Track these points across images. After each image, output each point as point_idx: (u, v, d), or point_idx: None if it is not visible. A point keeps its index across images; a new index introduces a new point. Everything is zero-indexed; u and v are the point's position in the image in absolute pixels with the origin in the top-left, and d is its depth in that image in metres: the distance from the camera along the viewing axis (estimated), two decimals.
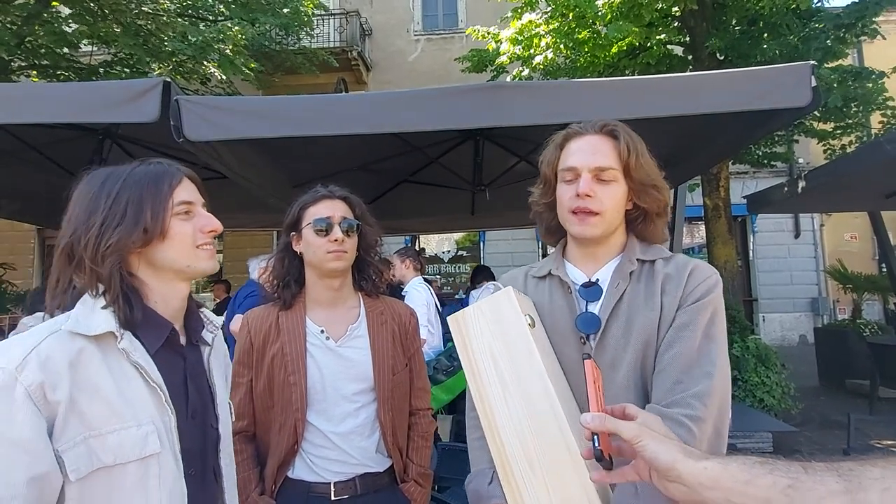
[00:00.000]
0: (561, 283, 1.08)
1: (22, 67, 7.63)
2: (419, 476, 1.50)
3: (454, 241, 12.34)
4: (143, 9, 7.64)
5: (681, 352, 0.93)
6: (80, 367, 0.82)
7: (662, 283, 1.00)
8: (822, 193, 4.58)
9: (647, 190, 1.03)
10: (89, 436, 0.80)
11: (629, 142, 1.02)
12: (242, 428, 1.42)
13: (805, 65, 2.06)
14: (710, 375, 0.91)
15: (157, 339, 0.92)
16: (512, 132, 3.28)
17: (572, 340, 1.03)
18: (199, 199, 0.99)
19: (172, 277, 0.95)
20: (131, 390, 0.86)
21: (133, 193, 0.91)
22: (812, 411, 5.81)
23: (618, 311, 1.01)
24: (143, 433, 0.85)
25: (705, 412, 0.88)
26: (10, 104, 2.14)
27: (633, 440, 0.64)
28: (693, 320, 0.95)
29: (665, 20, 6.23)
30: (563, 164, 1.05)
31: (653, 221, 1.07)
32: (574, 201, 1.01)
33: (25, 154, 3.26)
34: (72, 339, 0.83)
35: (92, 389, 0.82)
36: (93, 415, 0.81)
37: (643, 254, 1.05)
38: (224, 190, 3.64)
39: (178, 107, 2.00)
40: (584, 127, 1.07)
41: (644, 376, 0.98)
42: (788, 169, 11.05)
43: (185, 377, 0.97)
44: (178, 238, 0.93)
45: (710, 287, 0.98)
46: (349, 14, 11.67)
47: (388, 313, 1.52)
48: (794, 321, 11.63)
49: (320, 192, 1.46)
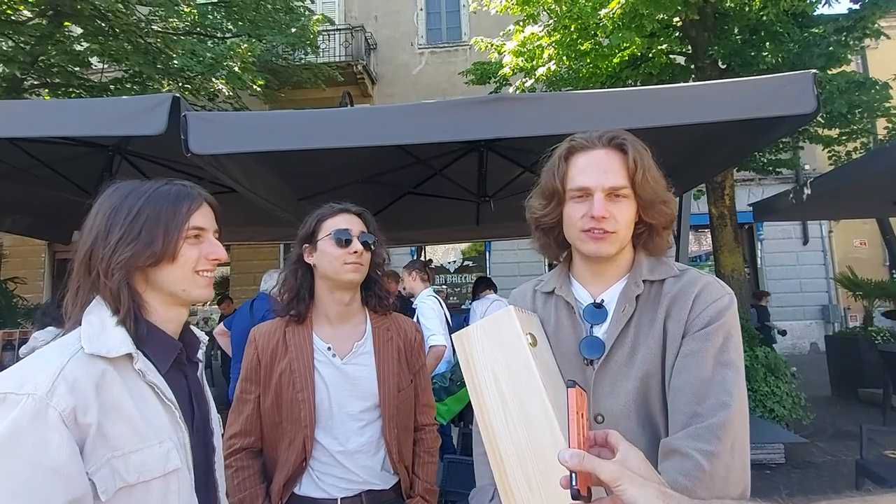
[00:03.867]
0: (566, 303, 1.05)
1: (34, 86, 7.80)
2: (425, 492, 1.49)
3: (460, 252, 12.35)
4: (153, 27, 7.81)
5: (690, 381, 0.88)
6: (104, 390, 0.83)
7: (668, 308, 0.95)
8: (828, 200, 4.56)
9: (656, 205, 0.99)
10: (112, 457, 0.81)
11: (637, 156, 0.98)
12: (250, 444, 1.42)
13: (807, 73, 2.07)
14: (727, 406, 0.85)
15: (168, 358, 0.94)
16: (516, 143, 3.30)
17: (576, 363, 1.00)
18: (212, 226, 1.00)
19: (169, 300, 0.96)
20: (149, 409, 0.88)
21: (152, 212, 0.93)
22: (824, 421, 5.71)
23: (623, 338, 0.97)
24: (164, 450, 0.87)
25: (719, 446, 0.83)
26: (24, 120, 2.20)
27: (611, 483, 0.62)
28: (702, 348, 0.90)
29: (666, 30, 6.28)
30: (572, 182, 1.00)
31: (659, 235, 1.03)
32: (588, 222, 0.97)
33: (37, 170, 3.32)
34: (93, 361, 0.83)
35: (115, 411, 0.83)
36: (116, 436, 0.82)
37: (650, 273, 1.01)
38: (231, 204, 3.66)
39: (187, 122, 2.04)
40: (590, 139, 1.02)
41: (646, 407, 0.94)
42: (794, 175, 11.01)
43: (189, 394, 1.00)
44: (182, 261, 0.94)
45: (720, 310, 0.92)
46: (354, 29, 11.85)
47: (393, 329, 1.53)
48: (804, 329, 11.50)
49: (338, 206, 1.48)
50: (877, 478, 3.15)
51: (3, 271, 9.79)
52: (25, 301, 8.42)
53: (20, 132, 2.30)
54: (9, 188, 3.55)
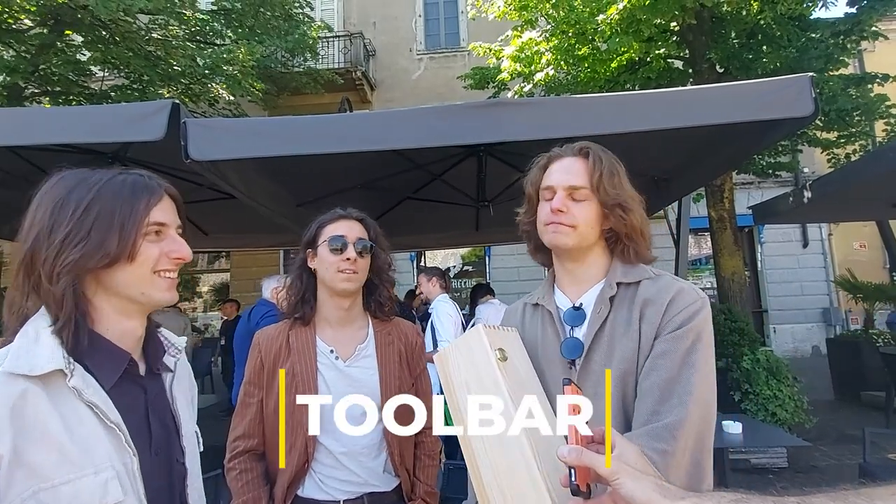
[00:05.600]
0: (548, 311, 1.11)
1: (35, 94, 7.83)
2: (426, 495, 1.50)
3: (460, 257, 12.35)
4: (154, 35, 7.85)
5: (657, 381, 0.92)
6: (24, 414, 0.71)
7: (642, 309, 1.00)
8: (828, 203, 4.56)
9: (613, 209, 1.05)
10: (39, 489, 0.70)
11: (598, 161, 1.07)
12: (253, 447, 1.43)
13: (804, 76, 2.08)
14: (685, 404, 0.88)
15: (114, 371, 0.82)
16: (514, 148, 3.31)
17: (560, 367, 1.04)
18: (174, 221, 0.89)
19: (127, 306, 0.85)
20: (85, 433, 0.76)
21: (105, 206, 0.81)
22: (827, 425, 5.69)
23: (600, 338, 1.01)
24: (101, 480, 0.75)
25: (674, 445, 0.86)
26: (23, 128, 2.20)
27: (609, 477, 0.63)
28: (672, 349, 0.93)
29: (664, 35, 6.31)
30: (543, 183, 1.11)
31: (623, 243, 1.07)
32: (549, 216, 1.07)
33: (37, 178, 3.31)
34: (12, 381, 0.72)
35: (39, 436, 0.72)
36: (42, 464, 0.71)
37: (624, 276, 1.06)
38: (230, 210, 3.68)
39: (186, 128, 2.04)
40: (564, 150, 1.13)
41: (625, 406, 0.97)
42: (794, 178, 11.03)
43: (146, 411, 0.87)
44: (140, 261, 0.83)
45: (692, 314, 0.95)
46: (353, 35, 11.92)
47: (395, 333, 1.54)
48: (805, 332, 11.47)
49: (338, 212, 1.50)
50: (880, 481, 3.13)
51: (4, 279, 9.77)
52: None
53: (19, 140, 2.30)
54: (8, 195, 3.55)
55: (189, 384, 1.04)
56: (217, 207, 3.70)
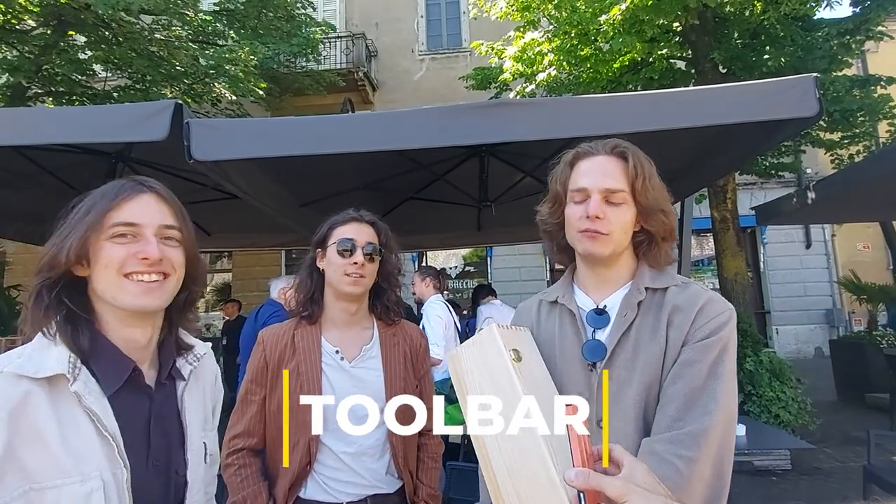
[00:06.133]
0: (569, 311, 1.08)
1: (38, 94, 7.86)
2: (429, 497, 1.50)
3: (461, 257, 12.35)
4: (156, 36, 7.88)
5: (683, 389, 0.91)
6: (24, 414, 0.73)
7: (670, 315, 0.97)
8: (832, 204, 4.54)
9: (655, 214, 1.02)
10: (30, 489, 0.72)
11: (638, 164, 1.02)
12: (251, 445, 1.42)
13: (808, 76, 2.07)
14: (710, 414, 0.87)
15: (116, 379, 0.82)
16: (516, 148, 3.31)
17: (579, 368, 1.02)
18: (154, 222, 0.85)
19: (117, 312, 0.83)
20: (80, 440, 0.76)
21: (77, 213, 0.83)
22: (831, 427, 5.66)
23: (625, 342, 0.99)
24: (86, 490, 0.75)
25: (699, 453, 0.85)
26: (27, 128, 2.21)
27: (618, 499, 0.62)
28: (700, 357, 0.92)
29: (667, 35, 6.30)
30: (573, 184, 1.04)
31: (658, 245, 1.05)
32: (583, 222, 1.01)
33: (41, 178, 3.34)
34: (17, 381, 0.74)
35: (34, 438, 0.73)
36: (33, 467, 0.72)
37: (652, 281, 1.03)
38: (233, 210, 3.69)
39: (189, 129, 2.05)
40: (594, 147, 1.06)
41: (647, 412, 0.95)
42: (797, 179, 10.99)
43: (148, 420, 0.86)
44: (103, 263, 0.81)
45: (721, 324, 0.94)
46: (355, 36, 11.93)
47: (400, 335, 1.54)
48: (808, 333, 11.43)
49: (350, 214, 1.49)
50: (885, 484, 3.11)
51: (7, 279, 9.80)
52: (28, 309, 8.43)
53: (24, 140, 2.31)
54: (12, 196, 3.56)
55: (211, 391, 1.03)
56: (219, 207, 3.71)
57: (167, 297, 0.86)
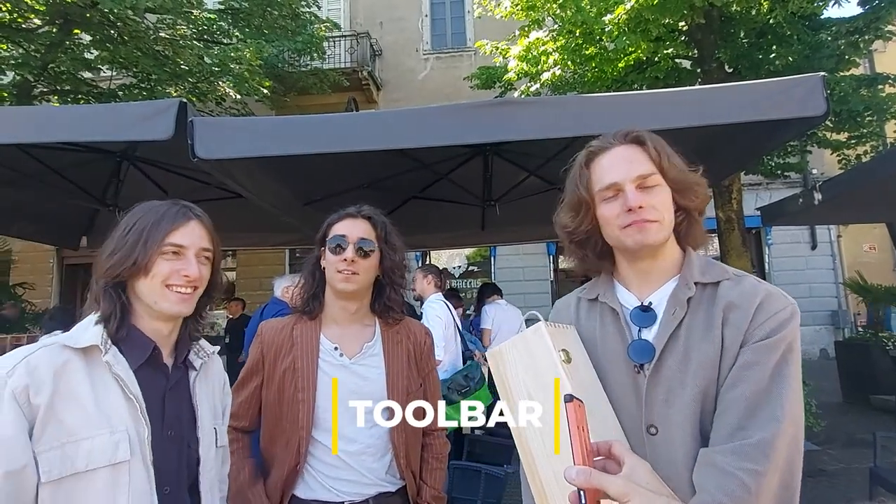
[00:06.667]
0: (611, 309, 1.00)
1: (44, 93, 7.90)
2: (433, 499, 1.47)
3: (465, 257, 12.33)
4: (161, 34, 7.90)
5: (744, 393, 0.82)
6: (64, 377, 0.89)
7: (725, 312, 0.89)
8: (838, 204, 4.51)
9: (690, 186, 0.97)
10: (66, 441, 0.87)
11: (657, 144, 0.97)
12: (239, 427, 1.43)
13: (815, 76, 2.05)
14: (778, 421, 0.79)
15: (140, 356, 1.00)
16: (520, 147, 3.30)
17: (625, 371, 0.94)
18: (195, 245, 1.04)
19: (151, 311, 1.01)
20: (109, 400, 0.93)
21: (138, 227, 1.01)
22: (836, 429, 5.63)
23: (675, 342, 0.91)
24: (114, 440, 0.90)
25: (767, 465, 0.77)
26: (33, 126, 2.22)
27: (620, 498, 0.61)
28: (762, 359, 0.84)
29: (672, 34, 6.26)
30: (599, 182, 0.97)
31: (696, 221, 1.00)
32: (626, 217, 0.93)
33: (46, 177, 3.35)
34: (61, 351, 0.91)
35: (71, 398, 0.89)
36: (70, 422, 0.87)
37: (702, 275, 0.95)
38: (236, 209, 3.69)
39: (193, 127, 2.05)
40: (605, 140, 1.01)
41: (704, 419, 0.87)
42: (802, 180, 10.92)
43: (163, 395, 1.03)
44: (152, 274, 1.00)
45: (784, 321, 0.86)
46: (360, 35, 11.93)
47: (403, 332, 1.51)
48: (814, 335, 11.35)
49: (346, 211, 1.47)
50: (891, 486, 3.09)
51: (13, 276, 9.87)
52: (34, 306, 8.47)
53: (30, 138, 2.32)
54: (18, 194, 3.58)
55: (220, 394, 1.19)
56: (222, 206, 3.71)
57: (192, 307, 1.06)
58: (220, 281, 1.14)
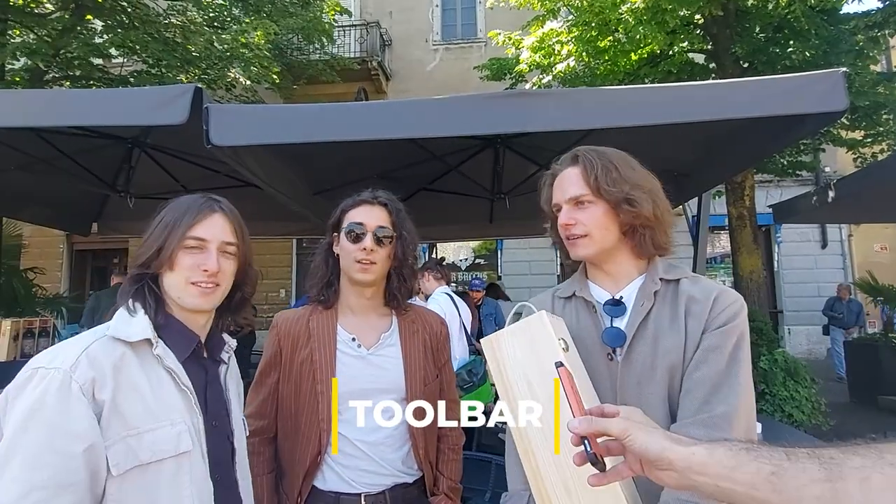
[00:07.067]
0: (586, 302, 1.12)
1: (56, 78, 7.92)
2: (450, 490, 1.46)
3: (471, 250, 12.32)
4: (172, 20, 7.89)
5: (708, 374, 0.96)
6: (122, 371, 0.89)
7: (687, 305, 1.03)
8: (851, 203, 4.45)
9: (620, 205, 1.06)
10: (128, 434, 0.87)
11: (588, 164, 1.08)
12: (262, 428, 1.40)
13: (837, 71, 2.01)
14: (736, 395, 0.94)
15: (186, 349, 1.01)
16: (532, 140, 3.27)
17: (600, 359, 1.06)
18: (217, 238, 1.02)
19: (177, 305, 1.01)
20: (164, 392, 0.94)
21: (166, 219, 1.01)
22: (843, 428, 5.59)
23: (644, 330, 1.03)
24: (176, 432, 0.92)
25: (731, 434, 0.89)
26: (47, 110, 2.21)
27: (621, 435, 0.65)
28: (721, 343, 0.98)
29: (687, 27, 6.17)
30: (552, 201, 1.15)
31: (642, 234, 1.07)
32: (563, 231, 1.11)
33: (58, 162, 3.37)
34: (114, 344, 0.91)
35: (131, 391, 0.89)
36: (132, 415, 0.88)
37: (666, 273, 1.08)
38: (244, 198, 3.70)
39: (209, 113, 2.04)
40: (561, 163, 1.16)
41: (671, 399, 1.00)
42: (814, 178, 10.79)
43: (205, 388, 1.05)
44: (178, 269, 0.99)
45: (736, 312, 1.01)
46: (369, 25, 11.85)
47: (419, 322, 1.49)
48: (821, 334, 11.27)
49: (361, 197, 1.44)
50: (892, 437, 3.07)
51: (23, 261, 9.96)
52: (44, 291, 8.55)
53: (45, 121, 2.32)
54: (30, 179, 3.60)
55: (237, 380, 1.20)
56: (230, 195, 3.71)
57: (216, 301, 1.04)
58: (251, 276, 1.13)
